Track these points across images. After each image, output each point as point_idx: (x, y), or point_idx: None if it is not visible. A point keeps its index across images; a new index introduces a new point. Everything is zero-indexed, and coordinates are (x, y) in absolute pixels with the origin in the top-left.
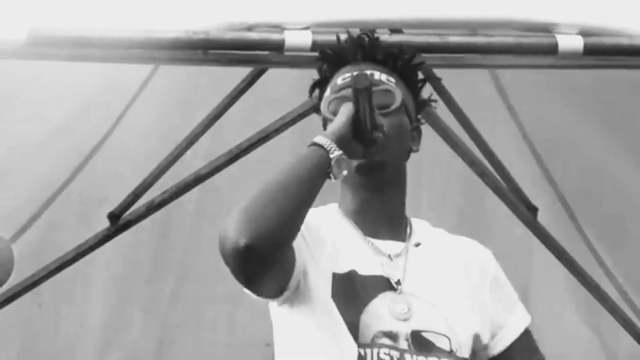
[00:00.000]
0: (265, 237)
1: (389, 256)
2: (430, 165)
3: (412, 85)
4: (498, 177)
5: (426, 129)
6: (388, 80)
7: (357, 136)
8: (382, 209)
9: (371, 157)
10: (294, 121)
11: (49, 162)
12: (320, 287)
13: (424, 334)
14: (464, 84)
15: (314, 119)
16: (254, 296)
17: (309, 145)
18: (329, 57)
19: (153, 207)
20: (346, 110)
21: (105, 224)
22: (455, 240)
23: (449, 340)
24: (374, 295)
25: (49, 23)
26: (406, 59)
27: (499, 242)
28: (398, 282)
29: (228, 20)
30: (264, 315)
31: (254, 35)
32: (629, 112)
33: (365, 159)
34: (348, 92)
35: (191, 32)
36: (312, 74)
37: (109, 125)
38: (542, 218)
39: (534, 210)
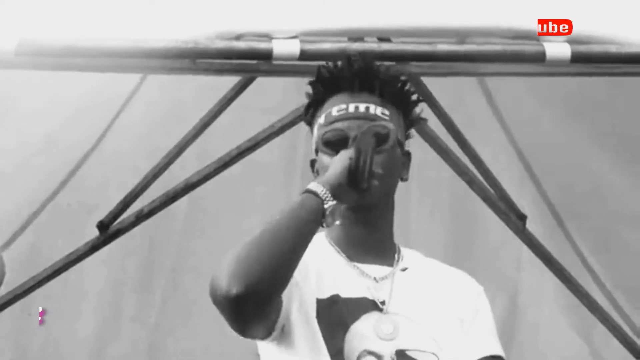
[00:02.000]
0: (257, 288)
1: (374, 279)
2: (418, 174)
3: (404, 109)
4: (487, 185)
5: (414, 137)
6: (383, 113)
7: (352, 185)
8: (370, 238)
9: (364, 200)
10: (282, 129)
11: (38, 171)
12: (304, 320)
13: (409, 353)
14: (452, 92)
15: (303, 128)
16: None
17: (304, 192)
18: (326, 80)
19: (142, 216)
20: (343, 158)
21: (94, 233)
22: (447, 270)
23: (437, 357)
24: (358, 316)
25: (38, 33)
26: (402, 88)
27: (488, 250)
28: (383, 303)
29: (216, 29)
30: None
31: (242, 45)
32: (617, 119)
33: (357, 203)
34: (343, 124)
35: (180, 41)
36: (301, 83)
37: (98, 134)
38: (530, 226)
39: (523, 218)
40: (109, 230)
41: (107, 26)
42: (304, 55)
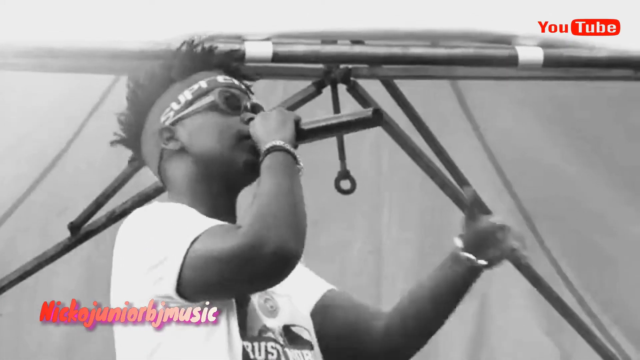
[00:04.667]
0: (302, 244)
1: None
2: (390, 176)
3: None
4: (458, 187)
5: (387, 140)
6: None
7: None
8: (234, 209)
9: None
10: None
11: (9, 172)
12: None
13: (292, 329)
14: (426, 96)
15: None
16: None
17: (276, 150)
18: (187, 62)
19: (114, 218)
20: (291, 116)
21: (66, 234)
22: None
23: (309, 332)
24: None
25: (10, 33)
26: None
27: None
28: None
29: (189, 31)
30: None
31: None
32: (591, 124)
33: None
34: (235, 92)
35: (153, 42)
36: (274, 85)
37: (70, 135)
38: None
39: None
40: (80, 232)
41: (81, 27)
42: (277, 57)
